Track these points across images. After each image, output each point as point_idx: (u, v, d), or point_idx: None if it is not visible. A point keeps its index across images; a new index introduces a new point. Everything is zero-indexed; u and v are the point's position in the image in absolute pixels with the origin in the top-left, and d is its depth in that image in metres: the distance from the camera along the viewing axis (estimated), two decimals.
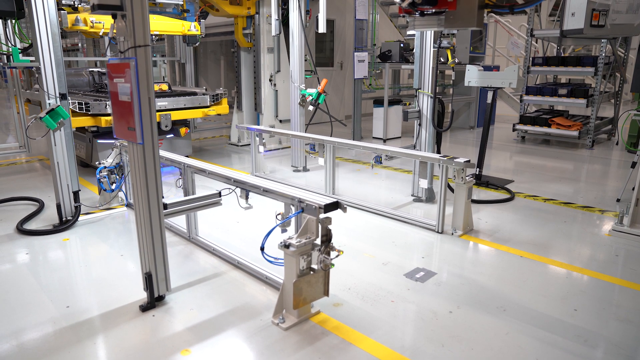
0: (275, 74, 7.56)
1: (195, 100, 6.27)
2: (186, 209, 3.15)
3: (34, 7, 3.76)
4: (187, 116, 6.29)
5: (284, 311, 2.75)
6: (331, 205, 2.61)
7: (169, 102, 5.99)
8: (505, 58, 13.00)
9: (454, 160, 3.92)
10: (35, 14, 3.78)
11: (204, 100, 6.34)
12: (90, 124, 5.48)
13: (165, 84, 6.23)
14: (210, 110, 6.39)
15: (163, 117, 5.87)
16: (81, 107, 5.29)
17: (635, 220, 4.04)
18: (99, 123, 5.45)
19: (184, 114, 6.23)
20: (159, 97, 5.83)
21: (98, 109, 5.41)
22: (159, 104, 5.79)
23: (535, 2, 2.37)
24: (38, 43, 3.83)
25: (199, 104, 6.31)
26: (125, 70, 2.53)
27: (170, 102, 6.02)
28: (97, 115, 5.45)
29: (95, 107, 5.38)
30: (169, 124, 5.96)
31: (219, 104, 6.55)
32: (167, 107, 6.01)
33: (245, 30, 7.39)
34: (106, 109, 5.45)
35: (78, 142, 6.24)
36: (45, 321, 2.76)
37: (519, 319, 2.79)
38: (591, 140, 7.96)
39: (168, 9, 5.78)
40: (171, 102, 6.03)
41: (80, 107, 5.28)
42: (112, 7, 2.43)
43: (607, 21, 4.61)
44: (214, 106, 6.46)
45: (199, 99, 6.30)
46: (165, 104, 5.95)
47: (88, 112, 5.38)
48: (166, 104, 5.97)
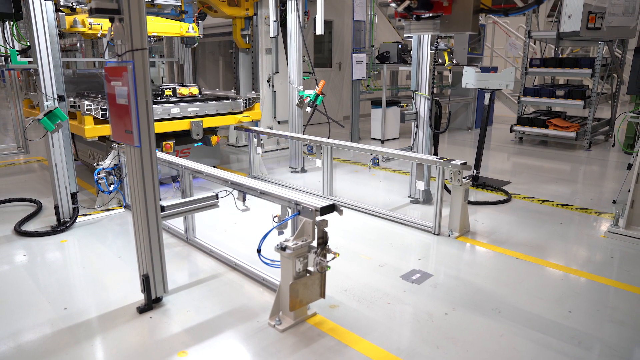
0: (274, 75, 7.58)
1: (228, 105, 5.67)
2: (183, 211, 3.17)
3: (32, 8, 3.77)
4: (220, 123, 5.69)
5: (280, 313, 2.76)
6: (327, 208, 2.62)
7: (200, 107, 5.43)
8: (503, 59, 13.03)
9: (451, 163, 3.94)
10: (33, 16, 3.79)
11: (237, 106, 5.74)
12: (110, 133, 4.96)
13: (195, 86, 5.60)
14: (245, 117, 5.78)
15: (194, 125, 5.30)
16: (104, 114, 4.68)
17: (631, 222, 4.06)
18: None
19: (217, 121, 5.62)
20: (189, 102, 5.34)
21: None
22: (189, 109, 5.29)
23: (528, 7, 2.39)
24: (36, 45, 3.84)
25: (232, 109, 5.70)
26: (123, 74, 2.54)
27: (202, 108, 5.46)
28: None
29: None
30: (201, 132, 5.38)
31: (252, 109, 5.92)
32: (198, 113, 5.44)
33: (243, 31, 7.40)
34: None
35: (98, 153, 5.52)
36: (43, 323, 2.77)
37: (514, 321, 2.81)
38: (588, 142, 7.99)
39: (166, 11, 5.77)
40: (202, 108, 5.46)
41: (103, 114, 4.67)
42: (109, 11, 2.44)
43: (603, 24, 4.64)
44: (246, 111, 5.87)
45: (231, 104, 5.70)
46: (196, 110, 5.39)
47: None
48: (197, 110, 5.40)
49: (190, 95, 5.57)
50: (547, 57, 8.85)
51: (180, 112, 5.21)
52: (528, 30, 8.36)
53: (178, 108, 5.19)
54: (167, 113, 5.11)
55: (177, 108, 5.18)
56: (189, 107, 5.32)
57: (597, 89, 7.88)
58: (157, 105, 5.01)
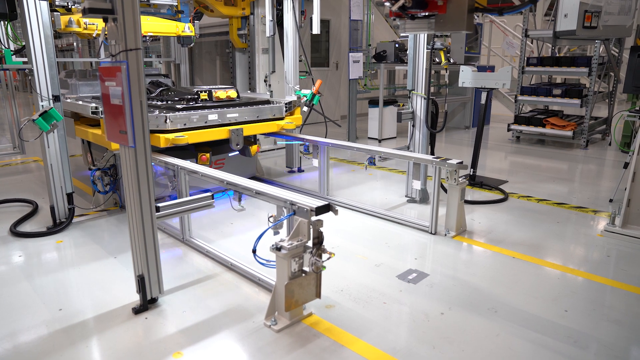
0: (270, 75, 7.56)
1: (270, 110, 5.08)
2: (178, 211, 3.15)
3: (26, 9, 3.75)
4: (261, 131, 5.06)
5: (276, 313, 2.76)
6: (323, 208, 2.62)
7: (239, 113, 4.77)
8: (500, 58, 13.04)
9: (447, 162, 3.94)
10: (28, 16, 3.77)
11: (279, 111, 5.16)
12: None
13: (232, 89, 4.97)
14: (288, 123, 5.17)
15: (233, 133, 4.62)
16: None
17: (627, 220, 4.07)
18: (157, 142, 4.15)
19: (258, 128, 4.97)
20: (228, 108, 4.72)
21: (155, 124, 4.18)
22: (228, 116, 4.65)
23: (523, 7, 2.39)
24: (31, 45, 3.82)
25: (274, 115, 5.11)
26: (117, 74, 2.53)
27: (241, 114, 4.79)
28: (154, 132, 4.18)
29: (152, 121, 4.12)
30: (241, 141, 4.69)
31: (293, 114, 5.39)
32: (237, 119, 4.77)
33: (240, 31, 7.39)
34: (166, 124, 4.20)
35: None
36: (38, 324, 2.76)
37: (510, 321, 2.81)
38: (585, 140, 8.00)
39: (162, 10, 5.75)
40: (242, 114, 4.80)
41: None
42: (103, 10, 2.43)
43: (599, 23, 4.65)
44: (288, 117, 5.31)
45: (273, 109, 5.11)
46: (235, 116, 4.73)
47: None
48: (237, 116, 4.75)
49: (228, 99, 4.95)
50: (544, 56, 8.86)
51: (218, 119, 4.59)
52: (525, 29, 8.36)
53: (216, 114, 4.58)
54: (204, 120, 4.48)
55: (215, 114, 4.57)
56: (228, 113, 4.67)
57: (594, 88, 7.89)
58: (195, 111, 4.45)
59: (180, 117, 4.28)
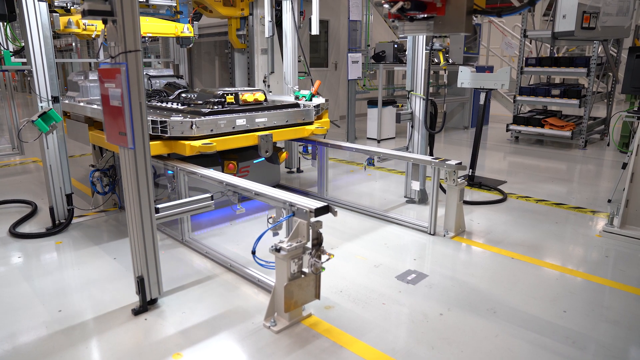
0: (269, 75, 7.56)
1: (299, 114, 4.71)
2: (178, 212, 3.16)
3: (26, 9, 3.75)
4: (291, 136, 4.68)
5: (275, 314, 2.76)
6: (322, 209, 2.62)
7: (268, 117, 4.41)
8: (499, 58, 13.06)
9: (446, 163, 3.94)
10: (27, 17, 3.77)
11: (309, 115, 4.79)
12: (165, 152, 3.89)
13: (260, 91, 4.56)
14: (319, 128, 4.81)
15: (262, 140, 4.25)
16: (155, 126, 3.74)
17: (625, 221, 4.08)
18: (183, 151, 3.82)
19: (287, 134, 4.62)
20: (256, 112, 4.35)
21: (180, 130, 3.80)
22: (257, 120, 4.30)
23: (521, 8, 2.40)
24: (30, 46, 3.82)
25: (303, 119, 4.74)
26: (116, 76, 2.54)
27: (270, 118, 4.44)
28: (179, 138, 3.82)
29: (176, 128, 3.79)
30: (270, 148, 4.33)
31: (321, 118, 5.01)
32: (266, 124, 4.40)
33: (238, 31, 7.39)
34: (192, 130, 3.81)
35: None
36: (37, 325, 2.76)
37: (509, 321, 2.82)
38: (584, 141, 8.01)
39: (161, 11, 5.75)
40: (271, 118, 4.44)
41: (154, 127, 3.73)
42: (102, 12, 2.44)
43: (597, 23, 4.66)
44: (316, 121, 4.93)
45: (302, 113, 4.73)
46: (264, 121, 4.37)
47: (164, 135, 3.77)
48: (265, 121, 4.38)
49: (256, 103, 4.52)
50: (543, 56, 8.88)
51: (246, 124, 4.24)
52: (524, 30, 8.38)
53: (244, 119, 4.22)
54: (232, 126, 4.12)
55: (243, 119, 4.21)
56: (256, 117, 4.31)
57: (593, 88, 7.90)
58: (222, 115, 4.08)
59: (207, 122, 3.91)
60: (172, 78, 5.59)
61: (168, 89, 5.14)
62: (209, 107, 4.18)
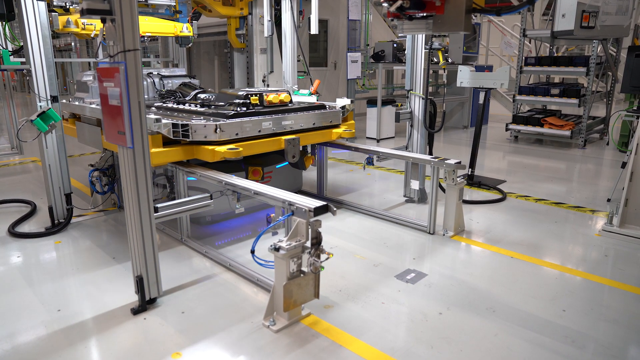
0: (269, 75, 7.56)
1: (327, 116, 4.44)
2: (177, 212, 3.15)
3: (24, 9, 3.75)
4: (318, 140, 4.45)
5: (274, 313, 2.76)
6: (321, 209, 2.62)
7: (294, 120, 4.14)
8: (498, 57, 13.06)
9: (445, 162, 3.94)
10: (26, 16, 3.77)
11: (336, 116, 4.52)
12: (185, 158, 3.65)
13: (285, 92, 4.29)
14: (346, 131, 4.54)
15: (289, 143, 3.99)
16: (176, 130, 3.49)
17: (625, 220, 4.08)
18: (206, 157, 3.57)
19: (314, 137, 4.36)
20: (282, 114, 4.09)
21: (203, 134, 3.54)
22: (283, 123, 4.04)
23: (520, 7, 2.40)
24: (28, 45, 3.82)
25: (330, 121, 4.47)
26: (115, 75, 2.53)
27: (297, 121, 4.17)
28: (201, 143, 3.59)
29: (199, 131, 3.52)
30: (297, 153, 4.07)
31: (346, 120, 4.76)
32: (292, 127, 4.13)
33: (238, 30, 7.38)
34: (216, 134, 3.54)
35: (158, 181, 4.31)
36: (36, 325, 2.76)
37: (508, 320, 2.82)
38: (583, 140, 8.01)
39: (160, 10, 5.74)
40: (298, 121, 4.17)
41: (174, 130, 3.49)
42: (101, 11, 2.43)
43: (597, 23, 4.65)
44: (342, 123, 4.68)
45: (330, 115, 4.46)
46: (290, 124, 4.11)
47: (185, 139, 3.51)
48: (291, 124, 4.12)
49: (281, 104, 4.24)
50: (542, 56, 8.88)
51: (272, 127, 3.96)
52: (523, 29, 8.38)
53: (270, 122, 3.94)
54: (258, 129, 3.84)
55: (269, 122, 3.93)
56: (283, 120, 4.05)
57: (592, 88, 7.90)
58: (248, 118, 3.81)
59: (232, 125, 3.66)
60: (185, 78, 5.36)
61: (183, 90, 4.84)
62: (232, 109, 3.89)
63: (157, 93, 4.96)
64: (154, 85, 5.02)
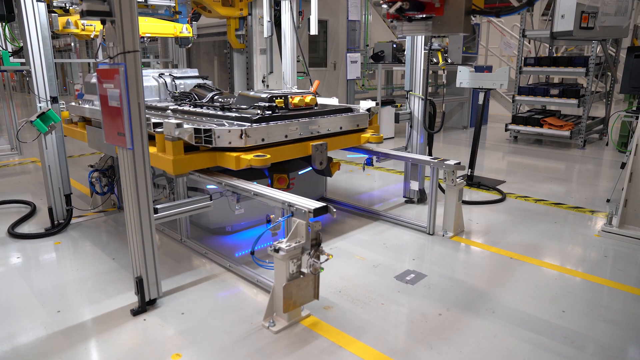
0: (268, 75, 7.57)
1: (353, 119, 4.17)
2: (177, 213, 3.15)
3: (24, 10, 3.75)
4: (345, 145, 4.20)
5: (274, 314, 2.76)
6: (320, 209, 2.62)
7: (321, 124, 3.87)
8: (498, 58, 13.06)
9: (445, 163, 3.95)
10: (25, 17, 3.77)
11: (363, 120, 4.26)
12: (207, 166, 3.39)
13: (310, 94, 4.05)
14: (374, 135, 4.25)
15: (316, 149, 3.73)
16: (198, 136, 3.22)
17: (624, 220, 4.08)
18: (231, 164, 3.29)
19: (342, 142, 4.11)
20: (309, 117, 3.83)
21: (227, 139, 3.27)
22: (311, 127, 3.78)
23: (520, 9, 2.40)
24: (28, 46, 3.82)
25: (357, 125, 4.21)
26: (115, 76, 2.53)
27: (323, 125, 3.89)
28: (225, 149, 3.32)
29: (223, 137, 3.25)
30: (325, 159, 3.82)
31: (371, 124, 4.48)
32: (319, 132, 3.86)
33: (237, 31, 7.39)
34: (241, 140, 3.27)
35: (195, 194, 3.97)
36: (36, 326, 2.76)
37: (507, 321, 2.82)
38: (583, 140, 8.02)
39: (160, 11, 5.73)
40: (324, 125, 3.89)
41: (197, 136, 3.21)
42: (101, 13, 2.44)
43: (596, 23, 4.66)
44: (369, 128, 4.40)
45: (357, 118, 4.20)
46: (317, 128, 3.83)
47: (208, 145, 3.27)
48: (318, 128, 3.85)
49: (307, 107, 3.98)
50: (542, 56, 8.88)
51: (299, 132, 3.70)
52: (522, 30, 8.38)
53: (297, 126, 3.69)
54: (285, 134, 3.59)
55: (295, 126, 3.68)
56: (310, 124, 3.78)
57: (591, 88, 7.91)
58: (275, 122, 3.58)
59: (259, 130, 3.40)
60: (198, 79, 5.13)
61: (198, 92, 4.62)
62: (257, 113, 3.61)
63: (170, 95, 4.75)
64: (166, 87, 4.80)
